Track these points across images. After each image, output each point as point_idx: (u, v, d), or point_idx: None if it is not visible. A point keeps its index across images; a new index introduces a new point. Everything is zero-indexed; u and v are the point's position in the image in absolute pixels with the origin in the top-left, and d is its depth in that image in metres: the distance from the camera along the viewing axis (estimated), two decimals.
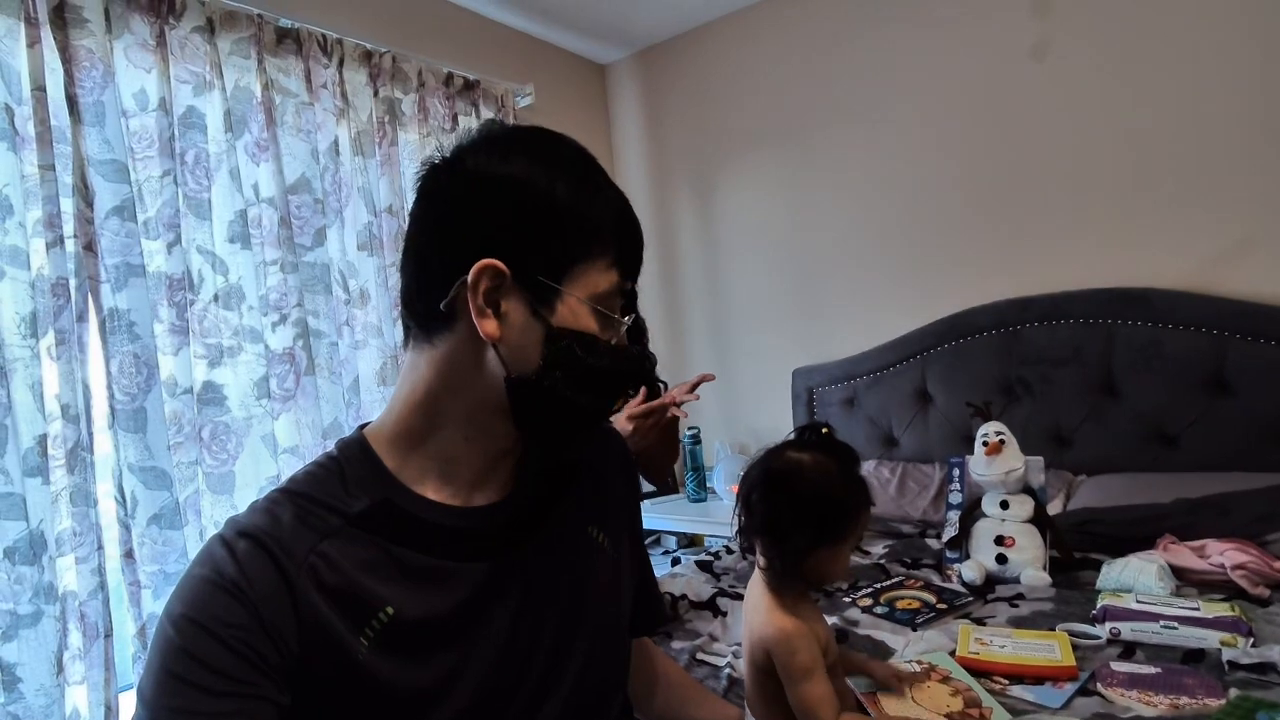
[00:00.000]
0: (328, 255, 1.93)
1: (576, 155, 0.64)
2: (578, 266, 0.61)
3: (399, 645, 0.59)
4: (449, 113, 2.31)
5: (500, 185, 0.60)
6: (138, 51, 1.61)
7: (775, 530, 0.88)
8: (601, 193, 0.63)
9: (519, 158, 0.61)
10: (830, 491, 0.87)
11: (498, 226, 0.59)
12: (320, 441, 1.84)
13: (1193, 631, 1.13)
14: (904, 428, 2.35)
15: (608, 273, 0.62)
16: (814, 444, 0.91)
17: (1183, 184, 1.96)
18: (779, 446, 0.94)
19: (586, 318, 0.61)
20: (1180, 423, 1.90)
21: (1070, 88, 2.09)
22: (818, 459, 0.89)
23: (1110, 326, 2.00)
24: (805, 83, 2.56)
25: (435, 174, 0.63)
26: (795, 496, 0.87)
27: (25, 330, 1.40)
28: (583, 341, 0.61)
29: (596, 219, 0.62)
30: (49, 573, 1.37)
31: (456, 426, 0.64)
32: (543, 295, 0.60)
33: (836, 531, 0.87)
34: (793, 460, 0.89)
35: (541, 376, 0.60)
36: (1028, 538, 1.48)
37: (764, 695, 0.88)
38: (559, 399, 0.61)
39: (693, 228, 2.89)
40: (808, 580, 0.89)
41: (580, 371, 0.61)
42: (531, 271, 0.59)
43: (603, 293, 0.62)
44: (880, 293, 2.47)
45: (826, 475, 0.87)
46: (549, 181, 0.60)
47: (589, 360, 0.61)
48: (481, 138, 0.63)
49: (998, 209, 2.23)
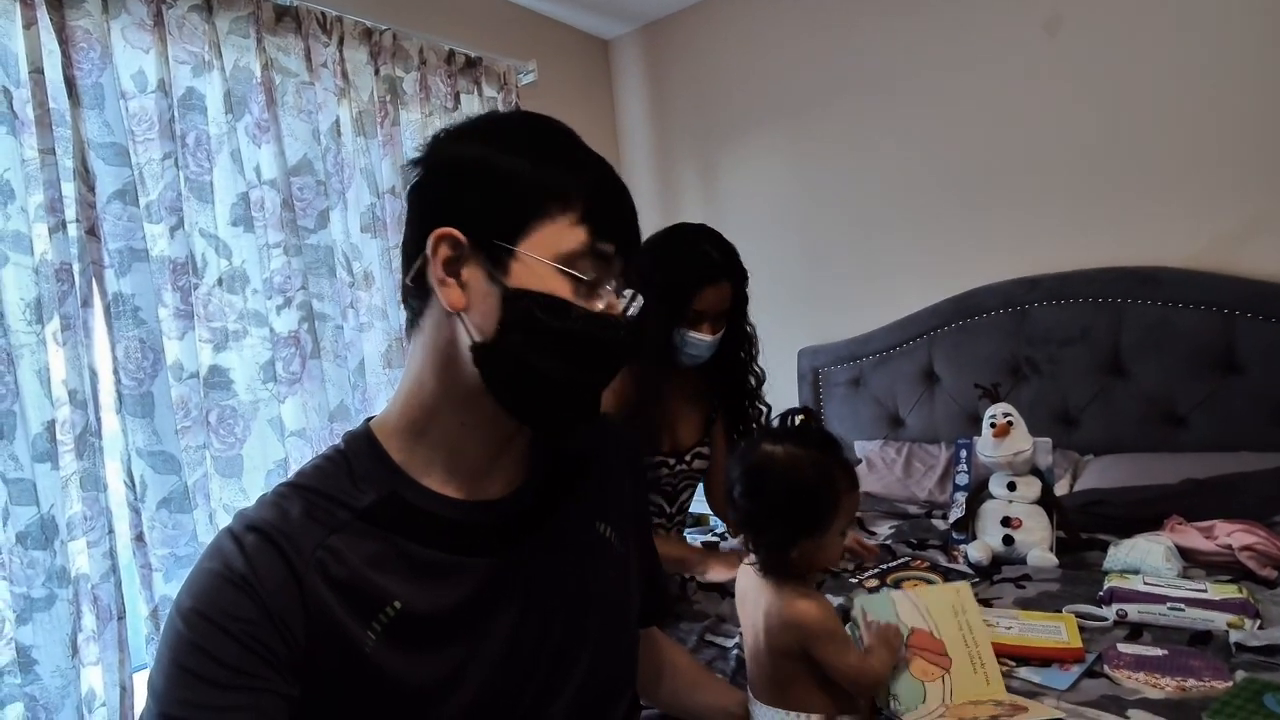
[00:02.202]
0: (331, 237, 1.91)
1: (538, 127, 0.65)
2: (535, 226, 0.60)
3: (406, 639, 0.60)
4: (451, 91, 2.28)
5: (454, 163, 0.63)
6: (135, 31, 1.59)
7: (754, 525, 0.89)
8: (564, 156, 0.63)
9: (474, 137, 0.63)
10: (801, 483, 0.86)
11: (453, 200, 0.61)
12: (327, 425, 1.84)
13: (1200, 613, 1.13)
14: (910, 408, 2.34)
15: (573, 230, 0.60)
16: (787, 434, 0.91)
17: (1194, 162, 1.93)
18: (755, 438, 0.94)
19: (551, 279, 0.60)
20: (1189, 403, 1.89)
21: (1081, 63, 2.05)
22: (789, 451, 0.89)
23: (1119, 306, 1.99)
24: (812, 57, 2.52)
25: (411, 167, 0.65)
26: (767, 491, 0.87)
27: (30, 316, 1.39)
28: (544, 303, 0.59)
29: (557, 180, 0.61)
30: (61, 557, 1.38)
31: (452, 411, 0.63)
32: (498, 258, 0.60)
33: (814, 521, 0.87)
34: (765, 454, 0.90)
35: (498, 339, 0.59)
36: (1035, 519, 1.48)
37: (780, 679, 0.89)
38: (522, 364, 0.59)
39: (697, 205, 2.86)
40: (797, 570, 0.90)
41: (542, 334, 0.59)
42: (486, 236, 0.59)
43: (569, 251, 0.60)
44: (887, 272, 2.45)
45: (796, 468, 0.87)
46: (501, 152, 0.62)
47: (553, 323, 0.59)
48: (454, 126, 0.66)
49: (1006, 187, 2.20)
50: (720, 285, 1.38)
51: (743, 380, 1.53)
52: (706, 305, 1.37)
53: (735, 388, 1.53)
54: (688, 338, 1.38)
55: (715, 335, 1.40)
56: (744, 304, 1.48)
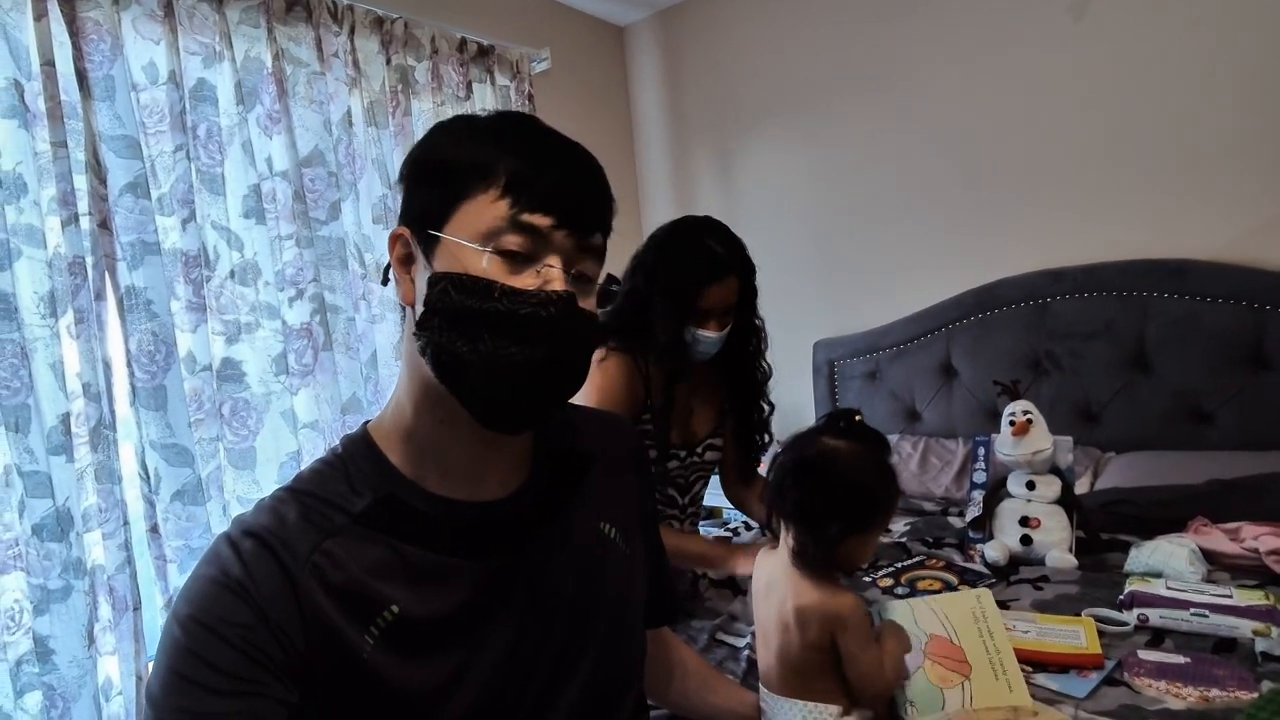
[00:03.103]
0: (343, 229, 1.91)
1: (481, 116, 0.64)
2: (458, 208, 0.59)
3: (404, 644, 0.59)
4: (463, 80, 2.26)
5: (406, 167, 0.65)
6: (145, 22, 1.58)
7: (808, 517, 0.89)
8: (493, 135, 0.61)
9: (423, 139, 0.65)
10: (864, 481, 0.87)
11: (405, 201, 0.64)
12: (339, 417, 1.84)
13: (1224, 620, 1.10)
14: (927, 402, 2.31)
15: (493, 205, 0.58)
16: (847, 431, 0.91)
17: (1225, 150, 1.87)
18: (811, 433, 0.94)
19: (470, 257, 0.58)
20: (1216, 399, 1.84)
21: (1108, 48, 1.99)
22: (852, 447, 0.89)
23: (1145, 299, 1.94)
24: (829, 44, 2.47)
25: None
26: (829, 486, 0.88)
27: (44, 310, 1.40)
28: (457, 282, 0.58)
29: (477, 157, 0.60)
30: (76, 548, 1.40)
31: (429, 409, 0.63)
32: (430, 246, 0.60)
33: (868, 520, 0.89)
34: (827, 448, 0.90)
35: (421, 324, 0.59)
36: (1054, 519, 1.45)
37: (808, 670, 0.89)
38: (445, 347, 0.58)
39: (712, 195, 2.83)
40: (838, 565, 0.91)
41: (459, 314, 0.57)
42: (423, 227, 0.60)
43: (489, 228, 0.58)
44: (904, 263, 2.41)
45: (861, 465, 0.88)
46: (433, 144, 0.63)
47: (468, 302, 0.57)
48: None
49: (1028, 176, 2.15)
50: (725, 281, 1.34)
51: (750, 376, 1.50)
52: (713, 302, 1.34)
53: (742, 383, 1.50)
54: (696, 335, 1.35)
55: (723, 330, 1.37)
56: (753, 297, 1.44)
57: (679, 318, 1.33)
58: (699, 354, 1.39)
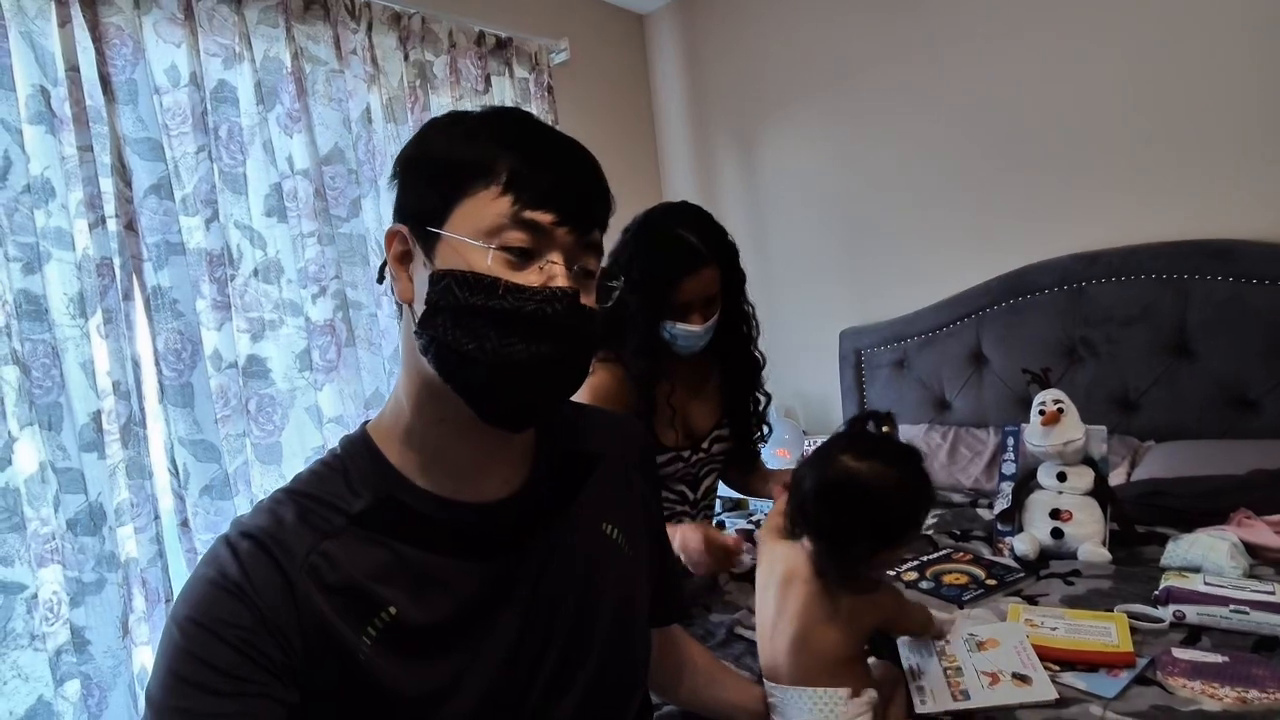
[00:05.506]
0: (364, 226, 1.93)
1: (475, 113, 0.64)
2: (458, 205, 0.59)
3: (401, 646, 0.59)
4: (482, 73, 2.26)
5: (399, 165, 0.64)
6: (166, 26, 1.61)
7: (833, 540, 0.87)
8: (492, 132, 0.61)
9: (415, 137, 0.65)
10: (889, 505, 0.85)
11: (400, 198, 0.64)
12: (363, 411, 1.86)
13: (1266, 617, 1.05)
14: (957, 391, 2.25)
15: (495, 202, 0.58)
16: (871, 450, 0.88)
17: (1271, 123, 1.77)
18: (832, 448, 0.91)
19: (473, 254, 0.58)
20: (1261, 386, 1.76)
21: (1145, 20, 1.90)
22: (876, 470, 0.86)
23: (1186, 282, 1.86)
24: (853, 26, 2.41)
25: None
26: (854, 510, 0.85)
27: (74, 310, 1.44)
28: (460, 279, 0.57)
29: (477, 155, 0.59)
30: (109, 542, 1.44)
31: (430, 408, 0.62)
32: (429, 244, 0.60)
33: (896, 539, 0.88)
34: (850, 471, 0.86)
35: (425, 322, 0.59)
36: (1086, 511, 1.40)
37: (846, 657, 0.89)
38: (449, 345, 0.57)
39: (736, 182, 2.79)
40: (861, 576, 0.91)
41: (464, 312, 0.57)
42: (421, 224, 0.60)
43: (491, 225, 0.58)
44: (933, 249, 2.35)
45: (885, 488, 0.85)
46: (428, 141, 0.63)
47: (473, 299, 0.57)
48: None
49: (1063, 156, 2.07)
50: (701, 273, 1.26)
51: (743, 367, 1.43)
52: (691, 295, 1.26)
53: (734, 375, 1.44)
54: (677, 330, 1.28)
55: (707, 323, 1.30)
56: (739, 283, 1.37)
57: (653, 314, 1.27)
58: (682, 349, 1.32)
